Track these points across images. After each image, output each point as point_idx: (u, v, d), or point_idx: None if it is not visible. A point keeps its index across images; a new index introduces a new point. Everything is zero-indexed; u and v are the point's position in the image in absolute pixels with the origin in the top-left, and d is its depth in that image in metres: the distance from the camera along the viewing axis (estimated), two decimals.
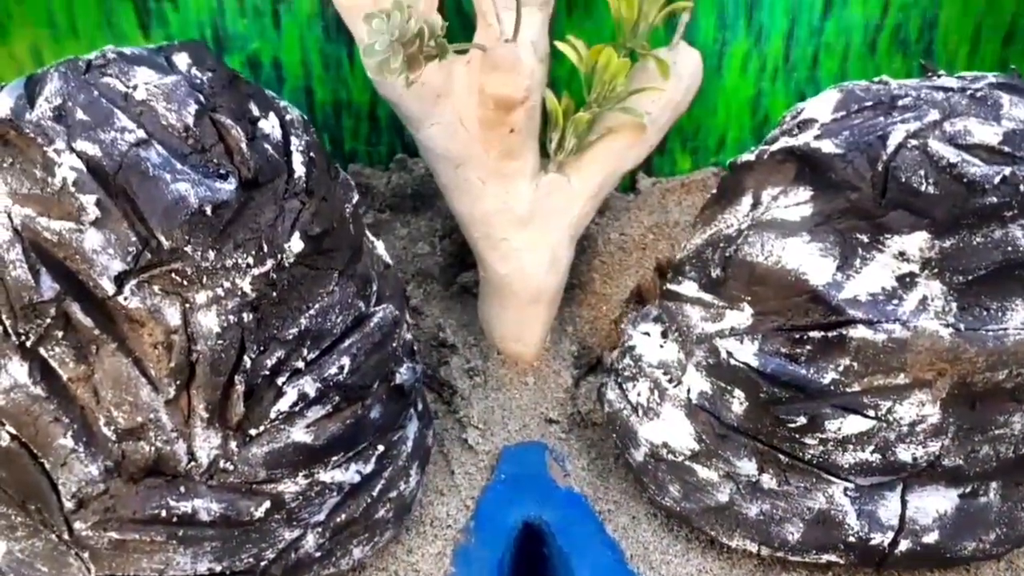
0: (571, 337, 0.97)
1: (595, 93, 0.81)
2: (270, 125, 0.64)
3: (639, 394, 0.77)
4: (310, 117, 0.92)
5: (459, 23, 0.88)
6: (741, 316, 0.69)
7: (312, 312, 0.63)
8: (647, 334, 0.79)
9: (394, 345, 0.70)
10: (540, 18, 0.78)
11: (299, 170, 0.63)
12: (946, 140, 0.61)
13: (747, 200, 0.71)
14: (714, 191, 0.76)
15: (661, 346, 0.77)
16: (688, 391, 0.72)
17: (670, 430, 0.74)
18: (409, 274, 0.98)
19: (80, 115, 0.57)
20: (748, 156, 0.70)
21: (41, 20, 0.88)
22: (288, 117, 0.67)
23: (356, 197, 0.71)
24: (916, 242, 0.62)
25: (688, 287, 0.75)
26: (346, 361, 0.64)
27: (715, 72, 0.95)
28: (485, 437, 0.86)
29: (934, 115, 0.63)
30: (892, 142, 0.62)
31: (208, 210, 0.57)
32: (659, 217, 1.00)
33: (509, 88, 0.72)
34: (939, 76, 0.70)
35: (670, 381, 0.75)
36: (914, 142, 0.61)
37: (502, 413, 0.89)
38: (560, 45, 0.79)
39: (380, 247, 0.75)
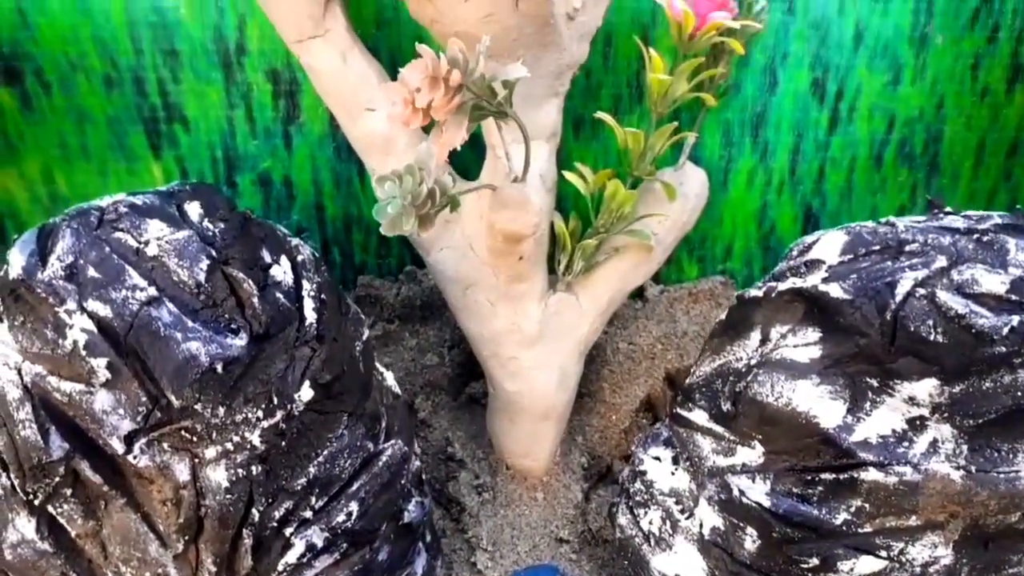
0: (581, 447, 0.97)
1: (602, 219, 0.81)
2: (282, 271, 0.64)
3: (651, 522, 0.76)
4: (320, 231, 0.93)
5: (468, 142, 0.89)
6: (752, 454, 0.69)
7: (321, 459, 0.63)
8: (658, 459, 0.79)
9: (402, 482, 0.69)
10: (548, 149, 0.79)
11: (310, 316, 0.63)
12: (954, 289, 0.61)
13: (756, 335, 0.71)
14: (722, 318, 0.76)
15: (672, 473, 0.77)
16: (700, 525, 0.72)
17: (683, 563, 0.73)
18: (417, 386, 0.98)
19: (92, 272, 0.57)
20: (756, 292, 0.70)
21: (52, 141, 0.89)
22: (300, 258, 0.67)
23: (367, 333, 0.71)
24: (926, 388, 0.62)
25: (698, 415, 0.75)
26: (354, 506, 0.64)
27: (721, 186, 0.96)
28: (494, 560, 0.85)
29: (941, 261, 0.63)
30: (900, 290, 0.62)
31: (219, 367, 0.57)
32: (667, 327, 1.00)
33: (518, 225, 0.72)
34: (945, 214, 0.70)
35: (682, 512, 0.74)
36: (922, 291, 0.61)
37: (511, 532, 0.88)
38: (568, 175, 0.80)
39: (390, 378, 0.75)
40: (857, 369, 0.64)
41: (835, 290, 0.65)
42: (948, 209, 0.71)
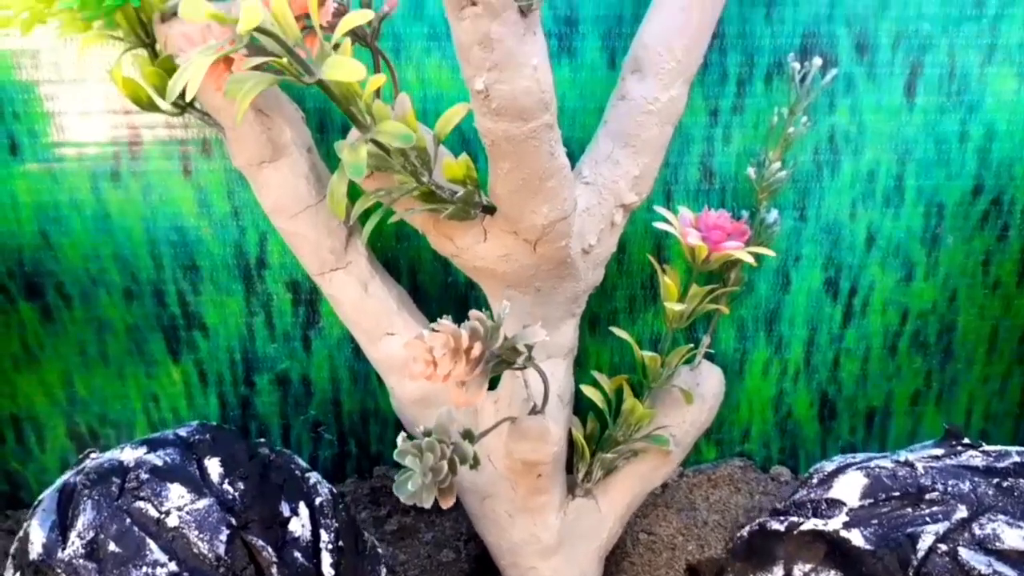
0: None
1: (621, 431, 0.81)
2: (300, 523, 0.64)
3: None
4: (337, 425, 0.93)
5: None
6: None
7: None
8: None
9: None
10: (565, 366, 0.80)
11: (328, 572, 0.63)
12: (976, 544, 0.61)
13: (779, 571, 0.70)
14: (744, 535, 0.75)
15: None
16: None
17: None
18: None
19: (112, 547, 0.58)
20: (778, 525, 0.70)
21: (72, 349, 0.90)
22: (318, 501, 0.67)
23: (384, 571, 0.70)
24: None
25: None
26: None
27: (737, 376, 0.96)
28: None
29: (962, 511, 0.63)
30: (922, 545, 0.61)
31: None
32: (687, 516, 0.99)
33: (537, 455, 0.73)
34: (963, 446, 0.70)
35: None
36: (943, 547, 0.61)
37: None
38: (586, 389, 0.81)
39: None
40: None
41: (856, 537, 0.64)
42: (966, 440, 0.71)
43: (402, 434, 0.64)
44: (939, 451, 0.70)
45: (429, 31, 0.79)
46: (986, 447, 0.70)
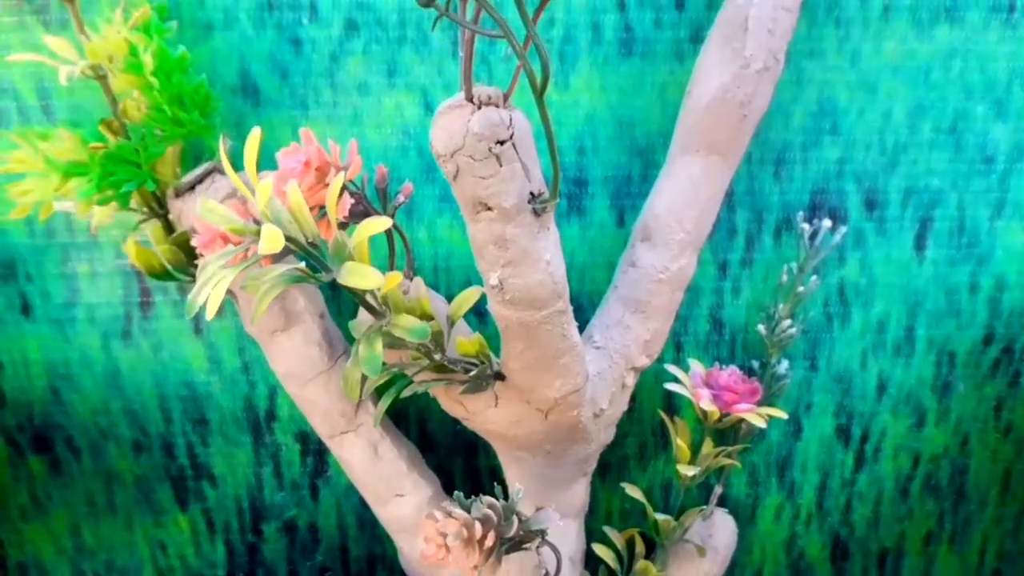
0: None
1: None
2: None
3: None
4: (344, 571, 0.92)
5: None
6: None
7: None
8: None
9: None
10: (576, 525, 0.80)
11: None
12: None
13: None
14: None
15: None
16: None
17: None
18: None
19: None
20: None
21: (80, 499, 0.89)
22: None
23: None
24: None
25: None
26: None
27: (749, 520, 0.95)
28: None
29: None
30: None
31: None
32: None
33: None
34: None
35: None
36: None
37: None
38: (597, 549, 0.80)
39: None
40: None
41: None
42: None
43: None
44: None
45: (441, 193, 0.80)
46: None
